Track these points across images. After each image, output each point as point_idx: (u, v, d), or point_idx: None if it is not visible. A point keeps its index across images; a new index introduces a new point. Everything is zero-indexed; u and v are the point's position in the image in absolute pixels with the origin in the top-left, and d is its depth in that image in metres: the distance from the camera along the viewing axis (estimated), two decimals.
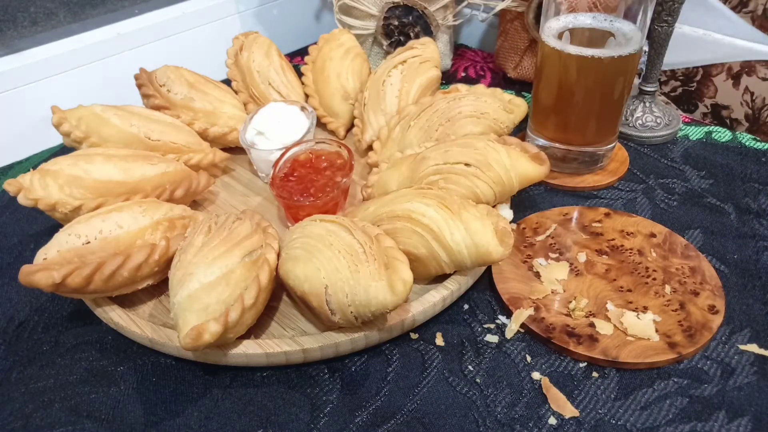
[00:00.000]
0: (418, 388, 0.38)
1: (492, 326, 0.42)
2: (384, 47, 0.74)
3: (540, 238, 0.48)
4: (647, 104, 0.61)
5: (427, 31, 0.71)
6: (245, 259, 0.39)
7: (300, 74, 0.67)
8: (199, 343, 0.35)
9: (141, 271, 0.41)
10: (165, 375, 0.40)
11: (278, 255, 0.41)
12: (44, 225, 0.55)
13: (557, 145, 0.55)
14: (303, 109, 0.58)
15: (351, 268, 0.37)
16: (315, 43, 0.67)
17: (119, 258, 0.40)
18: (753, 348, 0.39)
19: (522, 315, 0.41)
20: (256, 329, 0.41)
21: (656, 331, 0.39)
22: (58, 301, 0.47)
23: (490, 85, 0.66)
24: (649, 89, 0.60)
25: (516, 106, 0.56)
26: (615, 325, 0.40)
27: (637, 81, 0.61)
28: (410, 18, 0.70)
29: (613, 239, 0.48)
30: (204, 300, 0.37)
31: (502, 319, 0.43)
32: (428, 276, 0.43)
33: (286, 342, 0.39)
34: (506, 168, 0.46)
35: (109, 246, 0.41)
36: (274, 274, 0.41)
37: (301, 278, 0.38)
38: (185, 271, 0.38)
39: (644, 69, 0.60)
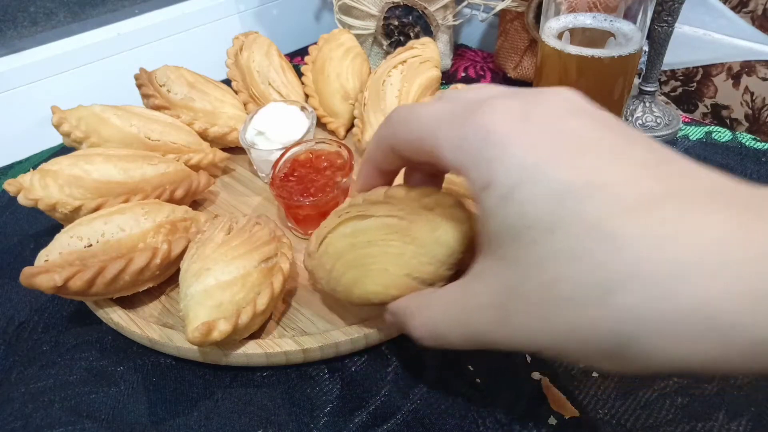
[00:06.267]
0: (418, 388, 0.38)
1: None
2: (384, 47, 0.74)
3: None
4: (647, 104, 0.61)
5: (427, 31, 0.71)
6: (261, 264, 0.40)
7: (300, 74, 0.67)
8: (207, 339, 0.35)
9: (143, 275, 0.41)
10: (165, 375, 0.40)
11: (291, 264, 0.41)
12: (44, 225, 0.55)
13: None
14: (303, 109, 0.58)
15: (405, 240, 0.32)
16: (315, 43, 0.67)
17: (121, 262, 0.40)
18: None
19: None
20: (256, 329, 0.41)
21: None
22: (58, 302, 0.47)
23: None
24: (649, 89, 0.60)
25: None
26: None
27: (637, 81, 0.61)
28: (410, 18, 0.70)
29: None
30: (218, 297, 0.37)
31: None
32: None
33: (286, 342, 0.39)
34: None
35: (111, 249, 0.41)
36: (286, 283, 0.41)
37: (382, 290, 0.34)
38: (202, 264, 0.38)
39: (644, 69, 0.60)
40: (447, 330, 0.27)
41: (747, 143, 0.59)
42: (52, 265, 0.39)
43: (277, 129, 0.55)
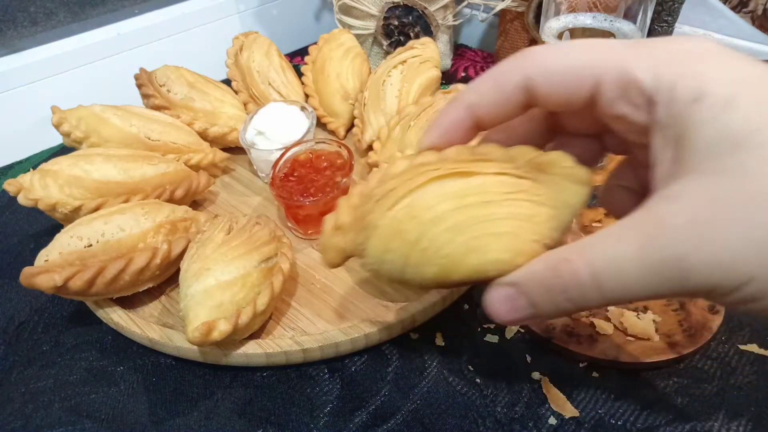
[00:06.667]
0: (418, 388, 0.38)
1: (492, 326, 0.42)
2: (384, 47, 0.74)
3: None
4: None
5: (427, 31, 0.71)
6: (261, 264, 0.40)
7: (300, 74, 0.67)
8: (207, 339, 0.35)
9: (143, 275, 0.41)
10: (165, 375, 0.40)
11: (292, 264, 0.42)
12: (44, 225, 0.55)
13: None
14: (303, 109, 0.58)
15: (534, 199, 0.27)
16: (315, 43, 0.67)
17: (121, 262, 0.40)
18: (753, 348, 0.39)
19: None
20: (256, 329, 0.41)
21: (656, 330, 0.39)
22: (58, 302, 0.47)
23: None
24: None
25: None
26: (615, 325, 0.40)
27: None
28: (410, 18, 0.70)
29: None
30: (218, 297, 0.37)
31: None
32: None
33: (286, 342, 0.39)
34: None
35: (111, 249, 0.41)
36: (286, 283, 0.41)
37: (509, 258, 0.26)
38: (202, 264, 0.38)
39: None
40: (625, 264, 0.23)
41: None
42: (52, 265, 0.39)
43: (277, 129, 0.55)
